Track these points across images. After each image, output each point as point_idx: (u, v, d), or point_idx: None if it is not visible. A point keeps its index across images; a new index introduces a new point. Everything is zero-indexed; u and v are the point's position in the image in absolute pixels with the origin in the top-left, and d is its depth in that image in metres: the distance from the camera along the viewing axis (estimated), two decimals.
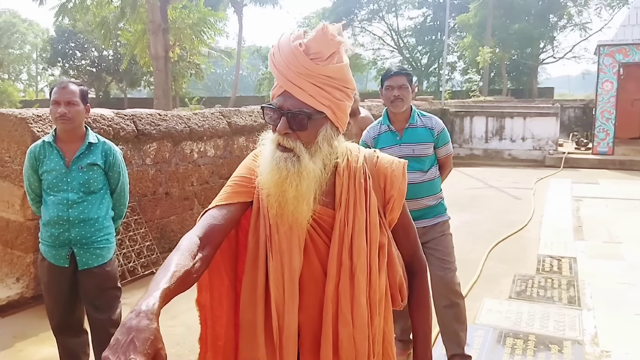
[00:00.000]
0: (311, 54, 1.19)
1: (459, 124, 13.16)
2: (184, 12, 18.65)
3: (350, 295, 1.26)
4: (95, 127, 4.39)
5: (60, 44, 31.12)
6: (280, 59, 1.22)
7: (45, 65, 34.96)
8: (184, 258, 1.10)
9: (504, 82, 28.29)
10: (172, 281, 1.02)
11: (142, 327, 0.87)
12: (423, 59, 35.52)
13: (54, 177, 2.49)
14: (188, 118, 5.46)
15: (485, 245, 5.54)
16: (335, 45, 1.21)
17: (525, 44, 27.49)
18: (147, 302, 0.93)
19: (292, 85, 1.20)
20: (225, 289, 1.38)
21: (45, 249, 2.57)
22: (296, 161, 1.20)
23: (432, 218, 2.96)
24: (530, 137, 12.50)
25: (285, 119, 1.20)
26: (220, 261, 1.36)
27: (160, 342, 0.89)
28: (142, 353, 0.84)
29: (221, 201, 1.29)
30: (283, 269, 1.26)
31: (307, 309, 1.28)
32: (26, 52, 42.81)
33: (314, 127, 1.22)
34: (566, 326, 3.57)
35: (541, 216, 6.98)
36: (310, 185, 1.21)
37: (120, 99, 33.25)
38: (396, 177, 1.35)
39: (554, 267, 4.86)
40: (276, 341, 1.26)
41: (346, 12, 34.35)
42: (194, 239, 1.18)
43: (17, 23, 42.13)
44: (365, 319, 1.27)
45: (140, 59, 19.58)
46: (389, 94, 2.87)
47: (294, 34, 1.24)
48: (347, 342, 1.26)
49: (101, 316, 2.60)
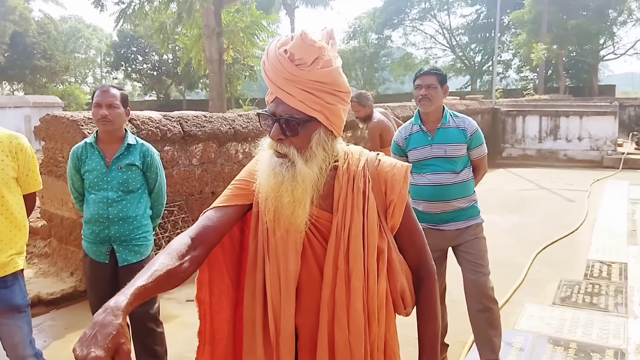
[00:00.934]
0: (295, 60, 1.20)
1: (510, 124, 12.77)
2: (237, 16, 19.08)
3: (346, 300, 1.25)
4: (144, 129, 4.60)
5: (122, 49, 32.56)
6: (269, 66, 1.24)
7: (109, 69, 36.61)
8: (170, 258, 1.14)
9: (562, 80, 27.08)
10: (150, 280, 1.06)
11: (106, 323, 0.93)
12: (476, 57, 34.54)
13: (95, 177, 2.62)
14: (232, 119, 5.61)
15: (532, 249, 5.37)
16: (316, 51, 1.20)
17: (584, 40, 26.16)
18: (117, 299, 0.99)
19: (282, 92, 1.22)
20: (226, 287, 1.40)
21: (87, 245, 2.72)
22: (291, 166, 1.21)
23: (465, 221, 2.90)
24: (587, 137, 11.96)
25: (277, 125, 1.22)
26: (223, 261, 1.40)
27: (122, 337, 0.93)
28: (102, 347, 0.89)
29: (219, 203, 1.32)
30: (279, 272, 1.27)
31: (305, 311, 1.29)
32: (91, 57, 44.95)
33: (306, 132, 1.23)
34: (610, 334, 3.42)
35: (594, 219, 6.68)
36: (305, 189, 1.21)
37: (180, 101, 34.42)
38: (397, 182, 1.32)
39: (603, 272, 4.65)
40: (273, 342, 1.28)
41: (397, 11, 33.93)
42: (185, 239, 1.21)
43: (82, 29, 44.42)
44: (361, 325, 1.26)
45: (196, 62, 20.21)
46: (417, 93, 2.84)
47: (281, 41, 1.25)
48: (343, 347, 1.25)
49: (140, 310, 2.67)
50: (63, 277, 4.65)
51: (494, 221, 6.77)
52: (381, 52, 35.48)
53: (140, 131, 4.56)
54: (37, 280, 4.63)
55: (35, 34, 28.02)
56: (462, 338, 3.38)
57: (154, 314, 2.77)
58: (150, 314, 2.75)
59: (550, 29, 25.12)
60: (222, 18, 17.26)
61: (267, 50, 1.26)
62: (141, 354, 2.79)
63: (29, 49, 27.48)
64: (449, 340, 3.26)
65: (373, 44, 35.53)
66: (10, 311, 2.32)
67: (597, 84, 28.30)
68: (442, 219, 2.89)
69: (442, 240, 2.93)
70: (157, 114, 4.98)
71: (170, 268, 1.12)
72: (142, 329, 2.74)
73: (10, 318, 2.32)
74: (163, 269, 1.10)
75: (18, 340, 2.34)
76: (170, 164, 4.90)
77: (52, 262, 4.95)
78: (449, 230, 2.90)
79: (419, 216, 2.91)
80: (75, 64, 38.65)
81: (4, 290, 2.31)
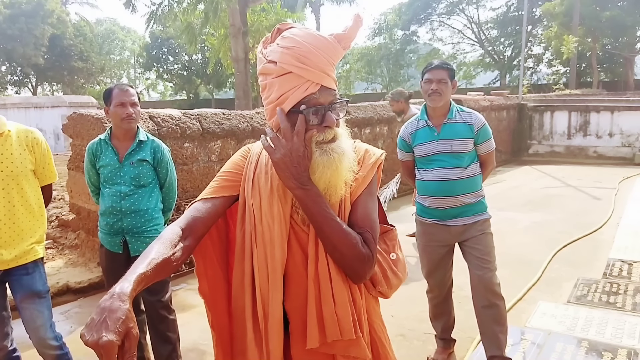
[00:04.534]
0: (343, 43, 1.26)
1: (538, 120, 12.52)
2: (262, 15, 19.23)
3: (329, 274, 1.30)
4: (164, 126, 4.74)
5: (154, 50, 33.24)
6: (319, 57, 1.23)
7: (142, 70, 37.45)
8: (164, 247, 1.17)
9: (595, 74, 26.25)
10: (149, 267, 1.09)
11: (115, 308, 0.94)
12: (506, 51, 33.72)
13: (109, 172, 2.76)
14: (250, 117, 5.72)
15: (552, 247, 5.31)
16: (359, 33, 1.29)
17: (619, 32, 25.24)
18: (121, 285, 1.01)
19: (329, 78, 1.26)
20: (219, 279, 1.44)
21: (102, 236, 2.87)
22: (341, 145, 1.28)
23: (472, 216, 2.89)
24: (618, 133, 11.63)
25: (330, 112, 1.26)
26: (213, 252, 1.44)
27: (131, 321, 0.95)
28: (113, 331, 0.91)
29: (207, 195, 1.36)
30: (267, 259, 1.30)
31: (294, 297, 1.33)
32: (125, 58, 45.94)
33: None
34: (625, 334, 3.37)
35: (619, 218, 6.52)
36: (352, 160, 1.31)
37: (208, 100, 34.99)
38: (366, 164, 1.36)
39: (624, 271, 4.56)
40: (262, 327, 1.31)
41: (424, 6, 33.37)
42: (176, 229, 1.25)
43: (116, 31, 45.50)
44: (345, 296, 1.29)
45: (224, 61, 20.48)
46: (426, 87, 2.83)
47: (313, 31, 1.29)
48: (330, 320, 1.29)
49: (153, 298, 2.85)
50: (90, 267, 4.87)
51: (516, 219, 6.70)
52: (407, 48, 35.02)
53: (160, 128, 4.70)
54: (67, 269, 4.87)
55: (72, 37, 28.90)
56: (470, 334, 3.38)
57: (166, 301, 2.90)
58: (163, 301, 2.87)
59: (582, 21, 24.38)
60: (248, 17, 17.42)
61: (312, 44, 1.24)
62: (155, 340, 2.94)
63: (67, 51, 28.40)
64: (457, 336, 3.28)
65: (399, 40, 35.14)
66: (32, 296, 2.48)
67: (633, 78, 27.33)
68: (449, 214, 2.89)
69: (449, 235, 2.94)
70: (177, 111, 5.12)
71: (165, 257, 1.15)
72: (155, 316, 2.88)
73: (32, 303, 2.48)
74: (159, 257, 1.13)
75: (40, 323, 2.49)
76: (190, 160, 5.03)
77: (80, 253, 5.18)
78: (456, 225, 2.91)
79: (425, 211, 2.98)
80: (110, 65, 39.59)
81: (25, 277, 2.47)
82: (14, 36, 24.87)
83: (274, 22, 19.28)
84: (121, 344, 0.92)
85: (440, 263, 3.04)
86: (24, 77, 29.78)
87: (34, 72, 28.61)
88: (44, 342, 2.51)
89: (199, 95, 36.46)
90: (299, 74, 1.23)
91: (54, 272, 4.77)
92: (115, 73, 43.32)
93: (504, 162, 11.94)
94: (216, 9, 16.65)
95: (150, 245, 1.19)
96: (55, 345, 2.54)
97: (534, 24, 30.49)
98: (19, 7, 25.21)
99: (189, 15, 19.62)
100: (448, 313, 3.23)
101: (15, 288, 2.48)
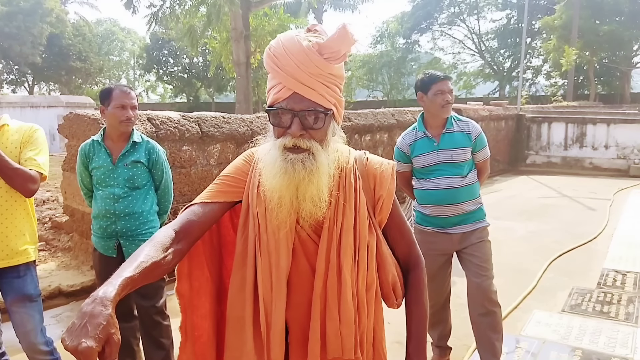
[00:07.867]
0: (325, 54, 1.19)
1: (535, 130, 12.57)
2: (264, 20, 19.27)
3: (338, 291, 1.27)
4: (163, 128, 4.73)
5: (154, 51, 33.09)
6: (289, 61, 1.20)
7: (142, 72, 37.34)
8: (155, 250, 1.15)
9: (592, 87, 26.43)
10: (137, 271, 1.06)
11: (96, 313, 0.91)
12: (506, 62, 33.97)
13: (102, 173, 2.67)
14: (250, 121, 5.72)
15: (547, 256, 5.32)
16: (352, 44, 1.20)
17: (616, 46, 25.41)
18: (105, 289, 0.98)
19: (304, 87, 1.20)
20: (205, 280, 1.41)
21: (95, 239, 2.78)
22: (313, 159, 1.21)
23: (472, 223, 2.91)
24: (614, 145, 11.70)
25: (298, 120, 1.20)
26: (202, 253, 1.41)
27: (112, 327, 0.92)
28: (93, 337, 0.88)
29: (205, 199, 1.33)
30: (271, 268, 1.28)
31: (296, 306, 1.31)
32: (124, 59, 45.70)
33: (326, 125, 1.25)
34: (618, 343, 3.38)
35: (614, 229, 6.55)
36: (328, 180, 1.25)
37: (209, 103, 34.90)
38: (385, 178, 1.35)
39: (617, 282, 4.58)
40: (264, 336, 1.29)
41: (426, 15, 33.60)
42: (169, 232, 1.22)
43: (116, 31, 45.22)
44: (351, 315, 1.27)
45: (226, 65, 20.49)
46: (439, 99, 2.81)
47: (299, 36, 1.23)
48: (334, 336, 1.27)
49: (147, 304, 2.77)
50: (83, 270, 4.81)
51: (511, 228, 6.72)
52: (408, 56, 35.19)
53: (159, 131, 4.69)
54: (59, 272, 4.80)
55: (71, 36, 28.76)
56: (466, 342, 3.39)
57: (161, 307, 2.83)
58: (157, 307, 2.80)
59: (581, 35, 24.57)
60: (250, 21, 17.46)
61: (284, 45, 1.22)
62: (148, 345, 2.85)
63: (65, 51, 28.25)
64: (453, 344, 3.28)
65: (400, 49, 35.28)
66: (23, 300, 2.40)
67: (629, 92, 27.54)
68: (451, 222, 2.90)
69: (450, 243, 2.94)
70: (176, 114, 5.11)
71: (155, 260, 1.12)
72: (149, 322, 2.81)
73: (23, 307, 2.40)
74: (148, 260, 1.11)
75: (30, 327, 2.42)
76: (188, 163, 5.03)
77: (74, 256, 5.12)
78: (457, 233, 2.92)
79: (426, 220, 3.00)
80: (109, 65, 39.45)
81: (16, 279, 2.39)
82: (11, 34, 24.57)
83: (277, 27, 19.36)
84: (102, 350, 0.90)
85: (439, 272, 3.04)
86: (21, 76, 29.58)
87: (31, 71, 28.39)
88: (34, 346, 2.43)
89: (199, 99, 36.39)
90: (271, 74, 1.25)
91: (46, 274, 4.70)
92: (114, 74, 43.20)
93: (502, 171, 11.97)
94: (218, 12, 16.69)
95: (140, 247, 1.16)
96: (46, 350, 2.46)
97: (533, 37, 30.70)
98: (17, 5, 24.91)
99: (191, 18, 19.66)
100: (445, 321, 3.23)
101: (6, 291, 2.41)
